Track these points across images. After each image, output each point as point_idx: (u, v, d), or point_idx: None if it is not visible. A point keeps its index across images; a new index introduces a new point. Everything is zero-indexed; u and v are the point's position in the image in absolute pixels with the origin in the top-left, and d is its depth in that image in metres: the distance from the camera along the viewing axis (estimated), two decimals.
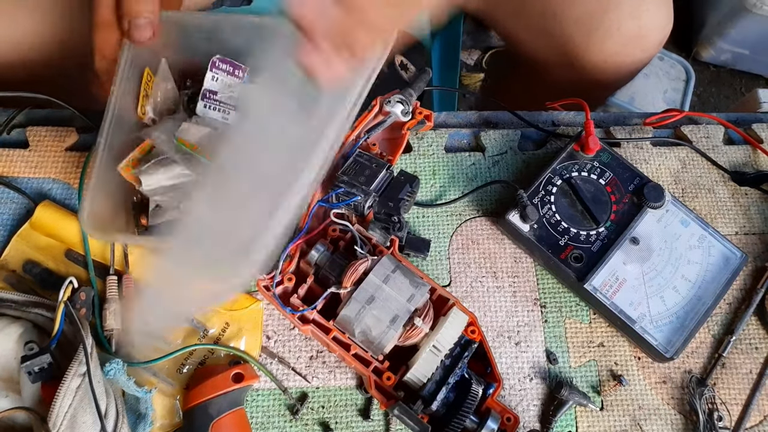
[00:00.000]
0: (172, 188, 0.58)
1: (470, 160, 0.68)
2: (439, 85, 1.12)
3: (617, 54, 0.75)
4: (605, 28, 0.73)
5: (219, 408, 0.55)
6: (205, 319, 0.60)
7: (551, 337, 0.62)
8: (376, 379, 0.54)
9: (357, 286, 0.55)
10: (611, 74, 0.77)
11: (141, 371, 0.57)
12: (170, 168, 0.57)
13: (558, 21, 0.75)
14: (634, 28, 0.73)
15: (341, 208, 0.60)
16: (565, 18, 0.74)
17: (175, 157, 0.57)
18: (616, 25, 0.72)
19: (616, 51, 0.74)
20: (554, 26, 0.75)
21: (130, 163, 0.58)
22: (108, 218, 0.56)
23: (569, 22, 0.74)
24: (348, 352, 0.55)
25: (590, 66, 0.76)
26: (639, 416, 0.59)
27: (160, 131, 0.58)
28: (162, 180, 0.58)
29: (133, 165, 0.58)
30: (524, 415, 0.59)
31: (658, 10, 0.75)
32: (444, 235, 0.65)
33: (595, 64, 0.75)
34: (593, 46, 0.74)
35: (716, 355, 0.61)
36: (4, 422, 0.49)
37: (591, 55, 0.75)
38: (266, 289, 0.57)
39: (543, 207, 0.63)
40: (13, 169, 0.65)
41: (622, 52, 0.75)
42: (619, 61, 0.76)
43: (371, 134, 0.64)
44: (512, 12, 0.79)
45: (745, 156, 0.69)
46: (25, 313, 0.54)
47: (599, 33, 0.73)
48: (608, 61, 0.75)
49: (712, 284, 0.61)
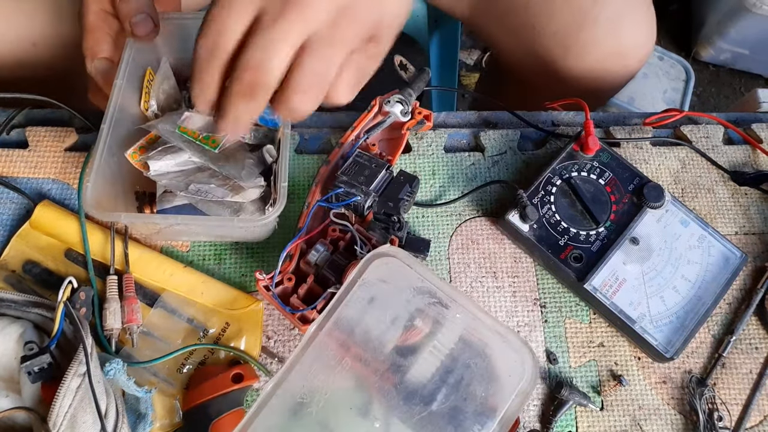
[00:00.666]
0: (180, 174, 0.58)
1: (470, 160, 0.68)
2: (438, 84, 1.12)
3: (596, 69, 0.75)
4: (581, 44, 0.73)
5: (219, 408, 0.55)
6: (205, 319, 0.60)
7: (551, 337, 0.62)
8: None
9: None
10: (595, 86, 0.77)
11: (141, 371, 0.57)
12: (178, 154, 0.58)
13: (537, 34, 0.75)
14: (613, 46, 0.73)
15: (341, 208, 0.60)
16: (544, 32, 0.74)
17: (181, 146, 0.57)
18: (593, 41, 0.73)
19: (595, 66, 0.74)
20: (534, 38, 0.75)
21: (138, 150, 0.58)
22: (110, 204, 0.56)
23: (547, 36, 0.74)
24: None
25: (570, 79, 0.76)
26: (639, 416, 0.59)
27: (165, 122, 0.58)
28: (170, 165, 0.58)
29: (141, 152, 0.58)
30: (524, 415, 0.59)
31: (637, 29, 0.75)
32: (444, 235, 0.65)
33: (575, 77, 0.76)
34: (571, 60, 0.74)
35: (716, 355, 0.61)
36: (4, 422, 0.49)
37: (570, 69, 0.75)
38: (266, 289, 0.57)
39: (543, 207, 0.63)
40: (13, 169, 0.65)
41: (602, 68, 0.75)
42: (599, 76, 0.76)
43: (371, 134, 0.64)
44: (495, 21, 0.79)
45: (744, 156, 0.69)
46: (25, 313, 0.54)
47: (576, 48, 0.73)
48: (588, 75, 0.75)
49: (712, 284, 0.61)
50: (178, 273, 0.61)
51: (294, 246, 0.58)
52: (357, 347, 0.55)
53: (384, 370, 0.53)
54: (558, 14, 0.73)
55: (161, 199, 0.59)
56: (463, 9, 0.82)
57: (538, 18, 0.74)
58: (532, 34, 0.75)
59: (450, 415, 0.53)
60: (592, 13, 0.72)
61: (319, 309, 0.56)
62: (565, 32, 0.73)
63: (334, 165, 0.63)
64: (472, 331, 0.53)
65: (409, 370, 0.52)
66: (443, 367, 0.52)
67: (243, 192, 0.58)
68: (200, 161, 0.58)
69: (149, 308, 0.60)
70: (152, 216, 0.59)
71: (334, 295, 0.56)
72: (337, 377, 0.52)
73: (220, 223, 0.59)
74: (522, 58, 0.80)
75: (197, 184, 0.58)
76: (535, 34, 0.75)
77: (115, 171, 0.57)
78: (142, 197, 0.61)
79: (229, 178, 0.59)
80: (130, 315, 0.58)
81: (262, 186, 0.59)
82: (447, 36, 1.06)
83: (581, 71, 0.75)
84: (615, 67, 0.76)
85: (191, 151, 0.58)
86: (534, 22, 0.74)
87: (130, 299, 0.58)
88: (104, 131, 0.55)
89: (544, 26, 0.74)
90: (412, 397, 0.52)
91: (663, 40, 1.65)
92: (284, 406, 0.49)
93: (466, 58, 1.60)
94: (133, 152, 0.58)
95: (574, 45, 0.73)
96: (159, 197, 0.59)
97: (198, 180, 0.59)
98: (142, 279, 0.61)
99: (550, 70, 0.76)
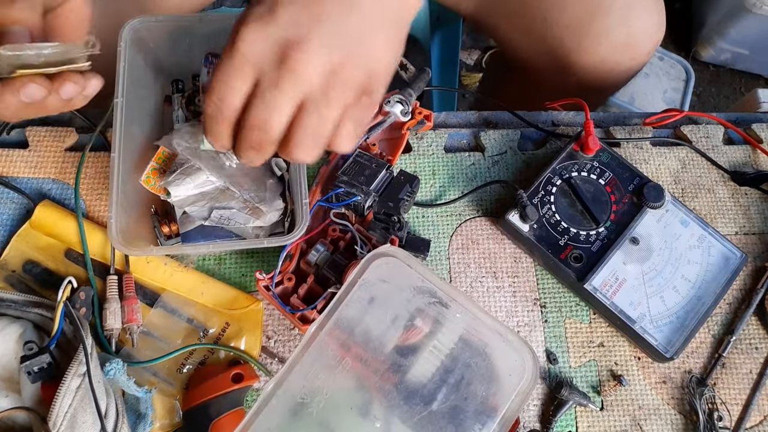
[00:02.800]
0: (201, 196, 0.59)
1: (470, 160, 0.68)
2: (438, 84, 1.12)
3: (607, 61, 0.75)
4: (594, 34, 0.73)
5: (219, 408, 0.55)
6: (205, 319, 0.60)
7: (551, 337, 0.62)
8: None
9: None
10: (602, 80, 0.77)
11: (141, 371, 0.57)
12: (196, 175, 0.58)
13: (548, 26, 0.75)
14: (624, 35, 0.74)
15: (341, 208, 0.60)
16: (556, 23, 0.74)
17: (199, 164, 0.57)
18: (605, 31, 0.73)
19: (605, 57, 0.75)
20: (545, 31, 0.76)
21: (151, 173, 0.58)
22: (133, 231, 0.56)
23: (559, 28, 0.74)
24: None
25: (581, 71, 0.76)
26: (639, 416, 0.59)
27: (180, 138, 0.58)
28: (190, 189, 0.58)
29: (154, 175, 0.58)
30: (524, 415, 0.59)
31: (648, 17, 0.75)
32: (444, 235, 0.65)
33: (586, 69, 0.76)
34: (583, 52, 0.74)
35: (716, 355, 0.61)
36: (4, 422, 0.49)
37: (582, 61, 0.75)
38: (266, 289, 0.57)
39: (543, 207, 0.63)
40: (13, 169, 0.65)
41: (612, 58, 0.75)
42: (609, 67, 0.76)
43: (371, 134, 0.64)
44: (504, 15, 0.79)
45: (744, 156, 0.69)
46: (25, 313, 0.54)
47: (589, 39, 0.73)
48: (599, 68, 0.76)
49: (712, 284, 0.61)
50: (178, 273, 0.61)
51: (294, 246, 0.58)
52: (357, 347, 0.55)
53: (384, 370, 0.53)
54: (571, 5, 0.73)
55: (183, 222, 0.59)
56: (468, 5, 0.82)
57: (551, 11, 0.74)
58: (543, 27, 0.75)
59: (450, 414, 0.53)
60: (605, 3, 0.72)
61: (319, 309, 0.56)
62: (579, 23, 0.73)
63: (335, 165, 0.63)
64: (473, 330, 0.53)
65: (410, 370, 0.52)
66: (443, 367, 0.52)
67: (264, 216, 0.59)
68: (219, 182, 0.58)
69: (149, 308, 0.60)
70: (184, 246, 0.58)
71: (334, 295, 0.56)
72: (337, 377, 0.52)
73: (251, 245, 0.60)
74: (531, 53, 0.80)
75: (219, 211, 0.59)
76: (546, 27, 0.75)
77: (131, 197, 0.57)
78: (158, 216, 0.60)
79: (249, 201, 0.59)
80: (130, 315, 0.58)
81: (280, 209, 0.59)
82: (448, 35, 1.06)
83: (592, 64, 0.75)
84: (625, 59, 0.76)
85: (209, 171, 0.57)
86: (546, 15, 0.75)
87: (130, 299, 0.58)
88: (115, 160, 0.54)
89: (556, 19, 0.74)
90: (413, 396, 0.52)
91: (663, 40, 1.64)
92: (285, 406, 0.49)
93: (466, 58, 1.60)
94: (146, 176, 0.57)
95: (587, 36, 0.73)
96: (180, 219, 0.59)
97: (219, 202, 0.59)
98: (142, 279, 0.61)
99: (560, 65, 0.76)
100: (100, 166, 0.65)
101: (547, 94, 0.72)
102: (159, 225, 0.59)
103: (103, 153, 0.65)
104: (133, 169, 0.58)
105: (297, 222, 0.55)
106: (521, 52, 0.82)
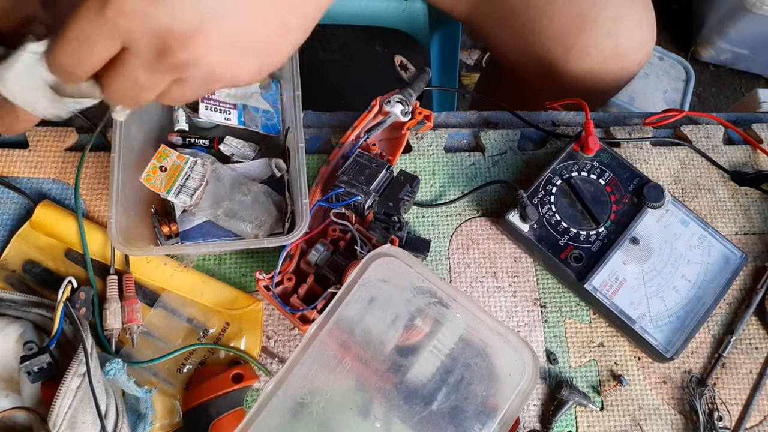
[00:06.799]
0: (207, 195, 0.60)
1: (470, 160, 0.68)
2: (438, 84, 1.12)
3: (596, 70, 0.75)
4: (582, 45, 0.73)
5: (219, 408, 0.55)
6: (205, 319, 0.60)
7: (551, 337, 0.62)
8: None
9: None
10: (593, 87, 0.78)
11: (141, 371, 0.57)
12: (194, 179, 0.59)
13: (537, 36, 0.75)
14: (612, 47, 0.74)
15: (341, 208, 0.60)
16: (544, 33, 0.75)
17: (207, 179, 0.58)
18: (593, 42, 0.73)
19: (593, 68, 0.75)
20: (534, 41, 0.76)
21: (151, 172, 0.58)
22: (133, 231, 0.57)
23: (548, 38, 0.75)
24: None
25: (570, 80, 0.76)
26: (639, 416, 0.59)
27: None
28: (191, 191, 0.59)
29: (154, 173, 0.58)
30: (524, 415, 0.59)
31: (636, 29, 0.75)
32: (444, 235, 0.65)
33: (574, 78, 0.76)
34: (572, 61, 0.75)
35: (716, 355, 0.61)
36: (4, 422, 0.49)
37: (570, 71, 0.75)
38: (266, 289, 0.57)
39: (543, 207, 0.63)
40: (13, 169, 0.65)
41: (601, 68, 0.75)
42: (600, 76, 0.76)
43: (371, 134, 0.64)
44: (496, 22, 0.80)
45: (744, 156, 0.69)
46: (25, 313, 0.54)
47: (576, 49, 0.74)
48: (588, 76, 0.76)
49: (712, 284, 0.61)
50: (178, 273, 0.61)
51: (294, 246, 0.58)
52: (357, 347, 0.54)
53: (384, 370, 0.53)
54: (558, 16, 0.73)
55: (182, 220, 0.59)
56: (462, 10, 0.82)
57: (539, 20, 0.75)
58: (532, 35, 0.76)
59: (450, 414, 0.53)
60: (592, 14, 0.72)
61: (319, 309, 0.56)
62: (566, 33, 0.73)
63: (335, 165, 0.63)
64: (473, 330, 0.53)
65: (410, 370, 0.52)
66: (443, 367, 0.52)
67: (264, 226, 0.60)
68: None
69: (149, 308, 0.60)
70: (184, 246, 0.59)
71: (334, 295, 0.56)
72: (337, 377, 0.52)
73: (251, 245, 0.60)
74: (521, 60, 0.80)
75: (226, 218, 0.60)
76: (535, 36, 0.76)
77: (131, 196, 0.57)
78: (159, 216, 0.60)
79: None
80: (130, 315, 0.58)
81: (275, 216, 0.60)
82: (447, 36, 1.06)
83: (581, 72, 0.75)
84: (614, 68, 0.76)
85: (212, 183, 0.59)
86: (534, 24, 0.75)
87: (130, 299, 0.58)
88: (115, 159, 0.54)
89: (544, 28, 0.75)
90: (413, 396, 0.52)
91: (663, 40, 1.65)
92: (285, 406, 0.49)
93: (466, 58, 1.60)
94: (147, 174, 0.58)
95: (575, 46, 0.74)
96: (179, 217, 0.59)
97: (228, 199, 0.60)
98: (142, 279, 0.61)
99: (549, 72, 0.76)
100: (100, 166, 0.65)
101: (542, 98, 0.73)
102: (159, 225, 0.59)
103: (103, 153, 0.65)
104: (133, 169, 0.58)
105: (297, 222, 0.55)
106: (512, 58, 0.83)
